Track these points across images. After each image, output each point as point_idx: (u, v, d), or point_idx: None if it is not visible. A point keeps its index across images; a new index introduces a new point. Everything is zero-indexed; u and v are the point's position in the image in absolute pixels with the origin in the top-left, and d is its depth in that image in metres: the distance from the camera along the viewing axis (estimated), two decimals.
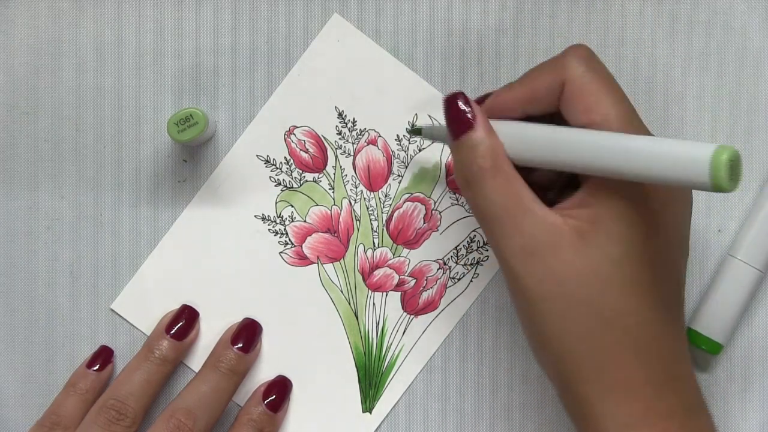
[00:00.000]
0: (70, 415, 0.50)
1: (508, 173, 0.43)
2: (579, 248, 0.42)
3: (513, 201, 0.43)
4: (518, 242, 0.42)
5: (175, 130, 0.50)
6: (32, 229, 0.54)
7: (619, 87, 0.44)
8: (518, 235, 0.42)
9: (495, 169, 0.43)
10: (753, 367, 0.53)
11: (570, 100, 0.43)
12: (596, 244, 0.41)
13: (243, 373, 0.52)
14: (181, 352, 0.52)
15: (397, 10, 0.54)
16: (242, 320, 0.53)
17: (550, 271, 0.42)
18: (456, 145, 0.45)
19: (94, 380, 0.52)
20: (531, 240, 0.42)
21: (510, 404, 0.54)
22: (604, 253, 0.41)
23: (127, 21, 0.54)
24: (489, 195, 0.43)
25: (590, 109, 0.42)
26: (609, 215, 0.42)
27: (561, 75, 0.43)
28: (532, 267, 0.42)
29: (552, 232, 0.42)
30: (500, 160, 0.43)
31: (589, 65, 0.43)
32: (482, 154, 0.43)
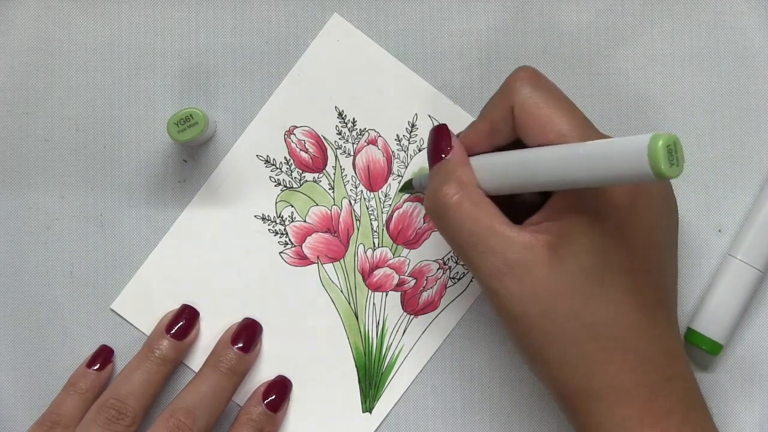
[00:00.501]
0: (70, 414, 0.51)
1: (476, 200, 0.44)
2: (551, 263, 0.42)
3: (482, 226, 0.43)
4: (492, 264, 0.43)
5: (175, 130, 0.50)
6: (32, 229, 0.54)
7: (567, 100, 0.44)
8: (493, 257, 0.43)
9: (463, 197, 0.44)
10: (753, 367, 0.53)
11: (522, 124, 0.44)
12: (567, 255, 0.42)
13: (243, 373, 0.52)
14: (181, 351, 0.52)
15: (397, 10, 0.54)
16: (242, 320, 0.53)
17: (526, 290, 0.43)
18: (431, 173, 0.46)
19: (94, 380, 0.52)
20: (504, 261, 0.43)
21: (510, 404, 0.54)
22: (576, 264, 0.42)
23: (127, 21, 0.54)
24: (459, 223, 0.44)
25: (544, 128, 0.43)
26: (576, 227, 0.42)
27: (509, 101, 0.44)
28: (509, 287, 0.43)
29: (524, 251, 0.43)
30: (469, 188, 0.45)
31: (534, 86, 0.44)
32: (453, 181, 0.45)
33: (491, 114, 0.45)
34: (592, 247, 0.42)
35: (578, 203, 0.42)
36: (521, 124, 0.44)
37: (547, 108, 0.43)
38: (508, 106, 0.44)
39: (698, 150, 0.53)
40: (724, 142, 0.53)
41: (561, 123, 0.43)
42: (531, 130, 0.43)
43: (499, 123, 0.45)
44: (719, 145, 0.53)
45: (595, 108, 0.53)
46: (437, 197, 0.45)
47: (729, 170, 0.53)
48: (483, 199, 0.44)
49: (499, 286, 0.43)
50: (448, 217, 0.45)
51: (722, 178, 0.53)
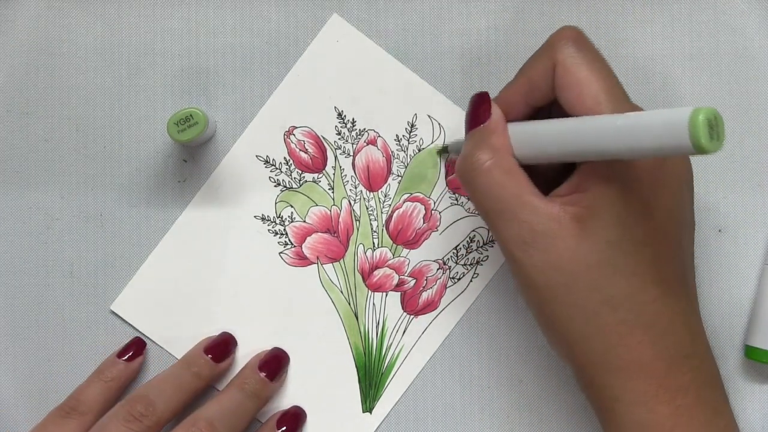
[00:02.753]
0: (90, 401, 0.50)
1: (507, 168, 0.44)
2: (578, 235, 0.42)
3: (511, 194, 0.44)
4: (518, 233, 0.43)
5: (175, 130, 0.50)
6: (32, 229, 0.54)
7: (607, 66, 0.44)
8: (519, 226, 0.43)
9: (495, 163, 0.44)
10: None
11: (561, 84, 0.44)
12: (594, 228, 0.42)
13: (266, 398, 0.52)
14: (216, 374, 0.52)
15: (397, 10, 0.54)
16: (272, 349, 0.53)
17: (551, 260, 0.43)
18: (466, 138, 0.46)
19: (121, 370, 0.52)
20: (530, 231, 0.43)
21: (510, 404, 0.54)
22: (602, 237, 0.42)
23: (127, 21, 0.54)
24: (488, 189, 0.44)
25: (581, 92, 0.43)
26: (603, 200, 0.42)
27: (551, 59, 0.44)
28: (533, 257, 0.43)
29: (551, 223, 0.43)
30: (502, 155, 0.44)
31: (578, 47, 0.44)
32: (486, 147, 0.45)
33: (531, 71, 0.45)
34: (619, 220, 0.42)
35: (606, 176, 0.42)
36: (561, 84, 0.44)
37: (588, 71, 0.43)
38: (550, 63, 0.44)
39: None
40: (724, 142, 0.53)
41: (599, 89, 0.43)
42: (569, 92, 0.43)
43: (538, 80, 0.45)
44: None
45: None
46: (469, 161, 0.45)
47: (729, 170, 0.53)
48: (515, 167, 0.44)
49: (523, 255, 0.43)
50: (477, 183, 0.45)
51: (722, 178, 0.53)
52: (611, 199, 0.42)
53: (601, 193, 0.42)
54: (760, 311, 0.52)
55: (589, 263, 0.42)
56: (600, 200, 0.42)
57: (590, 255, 0.42)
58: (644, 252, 0.43)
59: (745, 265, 0.53)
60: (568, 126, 0.42)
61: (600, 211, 0.42)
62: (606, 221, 0.42)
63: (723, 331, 0.53)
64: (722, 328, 0.53)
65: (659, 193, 0.43)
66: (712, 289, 0.53)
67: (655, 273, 0.43)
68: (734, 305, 0.53)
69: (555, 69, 0.44)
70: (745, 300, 0.53)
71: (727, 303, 0.53)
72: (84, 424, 0.50)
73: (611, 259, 0.42)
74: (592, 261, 0.42)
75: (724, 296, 0.53)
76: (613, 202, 0.42)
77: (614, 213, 0.42)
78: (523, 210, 0.43)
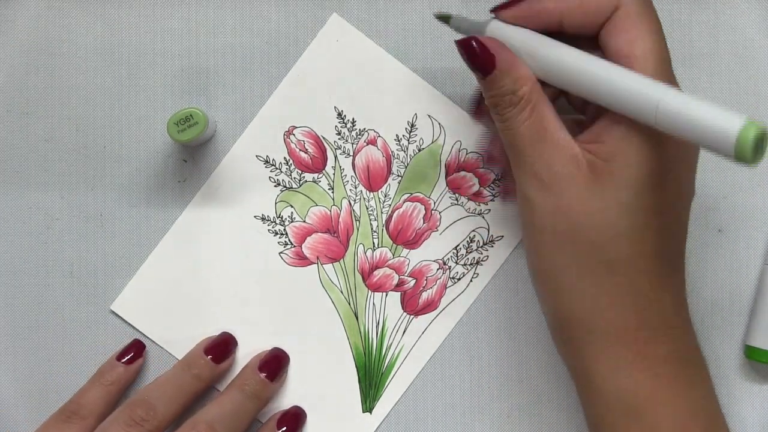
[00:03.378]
0: (91, 404, 0.50)
1: (535, 104, 0.43)
2: (591, 187, 0.42)
3: (537, 132, 0.43)
4: (537, 171, 0.43)
5: (175, 130, 0.50)
6: (32, 229, 0.54)
7: (660, 25, 0.43)
8: (540, 164, 0.43)
9: (524, 101, 0.43)
10: None
11: (617, 25, 0.42)
12: (608, 187, 0.42)
13: (266, 399, 0.52)
14: (217, 374, 0.52)
15: (397, 10, 0.54)
16: (272, 349, 0.53)
17: (561, 205, 0.42)
18: (484, 84, 0.45)
19: (121, 373, 0.52)
20: (548, 170, 0.43)
21: (510, 404, 0.54)
22: (615, 198, 0.42)
23: (127, 21, 0.54)
24: (516, 127, 0.43)
25: (633, 42, 0.42)
26: (623, 157, 0.42)
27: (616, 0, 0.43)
28: (547, 198, 0.43)
29: (570, 165, 0.42)
30: (528, 90, 0.43)
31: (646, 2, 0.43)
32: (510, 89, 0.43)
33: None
34: (634, 184, 0.42)
35: (630, 133, 0.42)
36: (616, 25, 0.42)
37: (646, 24, 0.42)
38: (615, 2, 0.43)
39: None
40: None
41: (650, 45, 0.42)
42: (621, 36, 0.42)
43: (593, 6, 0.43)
44: None
45: None
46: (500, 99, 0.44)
47: (729, 170, 0.53)
48: (543, 100, 0.43)
49: (536, 195, 0.43)
50: (507, 119, 0.44)
51: (722, 178, 0.53)
52: (630, 159, 0.41)
53: (621, 150, 0.42)
54: (760, 311, 0.52)
55: (596, 221, 0.42)
56: (618, 157, 0.42)
57: (599, 212, 0.42)
58: (651, 221, 0.42)
59: (745, 265, 0.53)
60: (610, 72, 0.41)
61: (616, 168, 0.42)
62: (620, 182, 0.42)
63: (723, 331, 0.53)
64: (722, 328, 0.53)
65: (677, 165, 0.43)
66: (712, 289, 0.53)
67: (658, 244, 0.43)
68: (734, 305, 0.53)
69: (617, 9, 0.42)
70: (745, 300, 0.53)
71: (727, 303, 0.53)
72: (85, 429, 0.50)
73: (618, 222, 0.42)
74: (599, 219, 0.42)
75: (724, 296, 0.53)
76: (631, 162, 0.41)
77: (631, 176, 0.42)
78: (547, 146, 0.43)
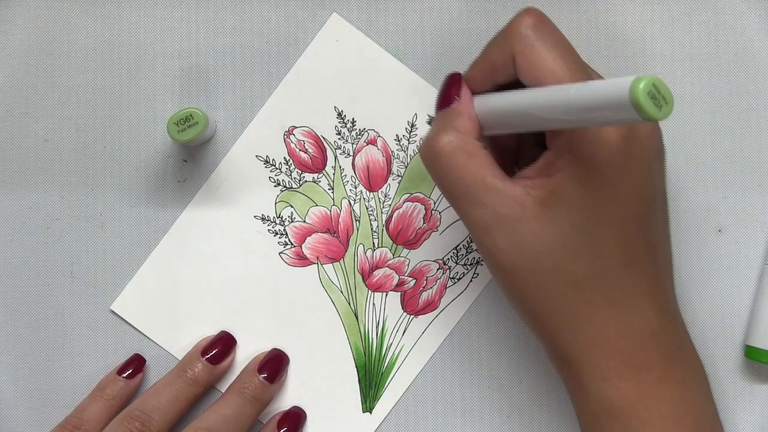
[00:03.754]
0: (93, 420, 0.50)
1: (471, 151, 0.44)
2: (542, 218, 0.42)
3: (473, 177, 0.44)
4: (481, 217, 0.44)
5: (175, 130, 0.50)
6: (32, 229, 0.54)
7: (569, 49, 0.44)
8: (482, 209, 0.43)
9: (458, 147, 0.44)
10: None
11: (523, 71, 0.43)
12: (558, 212, 0.42)
13: (266, 401, 0.52)
14: (214, 376, 0.52)
15: (397, 10, 0.54)
16: (270, 350, 0.53)
17: (514, 243, 0.43)
18: (434, 119, 0.46)
19: (122, 387, 0.52)
20: (494, 214, 0.43)
21: (510, 404, 0.54)
22: (566, 221, 0.42)
23: (127, 21, 0.54)
24: (450, 172, 0.44)
25: (544, 79, 0.43)
26: (568, 183, 0.42)
27: (512, 47, 0.44)
28: (498, 240, 0.43)
29: (514, 205, 0.43)
30: (465, 138, 0.44)
31: (538, 33, 0.44)
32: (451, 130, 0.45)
33: (493, 56, 0.45)
34: (584, 203, 0.42)
35: (572, 159, 0.42)
36: (522, 72, 0.43)
37: (550, 58, 0.43)
38: (509, 52, 0.44)
39: (698, 150, 0.53)
40: (724, 142, 0.53)
41: (561, 74, 0.43)
42: (531, 79, 0.43)
43: (500, 66, 0.45)
44: (719, 145, 0.53)
45: None
46: (433, 144, 0.45)
47: (729, 170, 0.53)
48: (479, 150, 0.44)
49: (487, 238, 0.44)
50: (439, 165, 0.45)
51: (722, 178, 0.53)
52: (575, 184, 0.42)
53: (565, 178, 0.42)
54: (760, 311, 0.52)
55: (553, 246, 0.43)
56: (564, 185, 0.42)
57: (553, 238, 0.42)
58: (609, 233, 0.43)
59: (745, 265, 0.53)
60: (526, 96, 0.42)
61: (564, 195, 0.42)
62: (570, 205, 0.42)
63: (723, 331, 0.53)
64: (722, 328, 0.53)
65: (627, 174, 0.43)
66: (712, 289, 0.53)
67: (621, 253, 0.43)
68: (734, 305, 0.53)
69: (516, 59, 0.43)
70: (745, 300, 0.53)
71: (727, 303, 0.53)
72: None
73: (575, 242, 0.42)
74: (556, 244, 0.42)
75: (724, 296, 0.53)
76: (577, 186, 0.42)
77: (577, 198, 0.42)
78: (486, 193, 0.43)
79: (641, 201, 0.44)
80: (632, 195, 0.43)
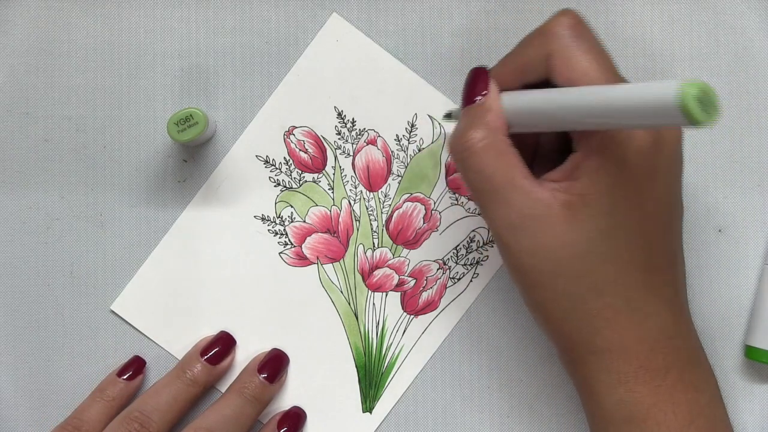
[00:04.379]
0: (93, 421, 0.50)
1: (501, 149, 0.44)
2: (568, 222, 0.42)
3: (503, 176, 0.43)
4: (508, 216, 0.43)
5: (175, 130, 0.50)
6: (32, 229, 0.54)
7: (606, 55, 0.44)
8: (508, 209, 0.43)
9: (489, 144, 0.44)
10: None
11: (558, 72, 0.43)
12: (584, 217, 0.42)
13: (266, 401, 0.52)
14: (214, 377, 0.52)
15: (397, 10, 0.54)
16: (270, 350, 0.53)
17: (538, 245, 0.43)
18: (462, 114, 0.46)
19: (122, 389, 0.52)
20: (520, 214, 0.43)
21: (510, 404, 0.54)
22: (593, 226, 0.42)
23: (127, 21, 0.54)
24: (480, 169, 0.44)
25: (579, 81, 0.42)
26: (595, 188, 0.42)
27: (547, 46, 0.43)
28: (521, 240, 0.43)
29: (540, 207, 0.43)
30: (497, 135, 0.44)
31: (575, 34, 0.43)
32: (482, 126, 0.44)
33: (525, 56, 0.45)
34: (610, 210, 0.42)
35: (599, 163, 0.42)
36: (557, 73, 0.43)
37: (586, 60, 0.43)
38: (545, 51, 0.43)
39: (698, 150, 0.53)
40: (724, 142, 0.53)
41: (594, 76, 0.42)
42: (564, 80, 0.43)
43: (532, 66, 0.44)
44: (719, 145, 0.53)
45: None
46: (463, 139, 0.44)
47: (729, 170, 0.53)
48: (509, 148, 0.44)
49: (511, 238, 0.43)
50: (470, 162, 0.44)
51: (722, 178, 0.53)
52: (603, 189, 0.42)
53: (592, 182, 0.42)
54: (760, 311, 0.52)
55: (577, 251, 0.42)
56: (591, 189, 0.42)
57: (578, 244, 0.42)
58: (634, 239, 0.43)
59: (745, 265, 0.53)
60: (562, 95, 0.42)
61: (591, 200, 0.42)
62: (596, 210, 0.42)
63: (723, 331, 0.53)
64: (722, 328, 0.53)
65: (652, 181, 0.43)
66: (712, 289, 0.53)
67: (644, 260, 0.43)
68: (734, 305, 0.53)
69: (551, 59, 0.43)
70: (745, 300, 0.53)
71: (727, 303, 0.53)
72: None
73: (600, 248, 0.42)
74: (580, 249, 0.42)
75: (724, 296, 0.53)
76: (604, 191, 0.42)
77: (605, 203, 0.42)
78: (514, 193, 0.43)
79: (665, 208, 0.44)
80: (657, 202, 0.43)
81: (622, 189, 0.42)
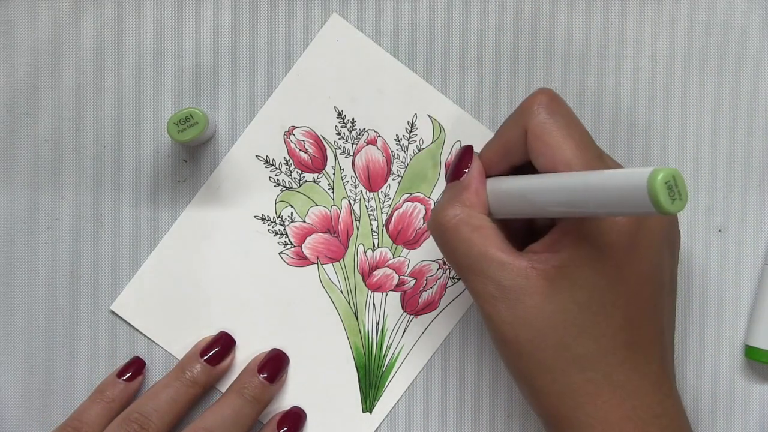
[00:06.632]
0: (93, 422, 0.50)
1: (476, 224, 0.45)
2: (546, 294, 0.42)
3: (476, 251, 0.44)
4: (485, 288, 0.44)
5: (175, 130, 0.50)
6: (32, 229, 0.54)
7: (581, 129, 0.44)
8: (486, 281, 0.44)
9: (462, 220, 0.45)
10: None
11: (534, 149, 0.44)
12: (562, 288, 0.42)
13: (266, 402, 0.52)
14: (213, 377, 0.52)
15: (397, 10, 0.54)
16: (270, 350, 0.53)
17: (518, 315, 0.43)
18: (444, 190, 0.47)
19: (122, 390, 0.52)
20: (498, 286, 0.43)
21: (510, 404, 0.54)
22: (570, 298, 0.42)
23: (127, 21, 0.54)
24: (455, 245, 0.45)
25: (554, 157, 0.43)
26: (575, 261, 0.42)
27: (524, 124, 0.44)
28: (502, 311, 0.43)
29: (518, 278, 0.43)
30: (470, 212, 0.45)
31: (550, 112, 0.44)
32: (457, 203, 0.45)
33: (506, 135, 0.46)
34: (589, 282, 0.42)
35: (580, 237, 0.42)
36: (533, 149, 0.44)
37: (560, 136, 0.43)
38: (522, 129, 0.44)
39: (698, 150, 0.53)
40: (724, 142, 0.53)
41: (571, 154, 0.43)
42: (541, 157, 0.44)
43: (513, 144, 0.45)
44: (719, 145, 0.53)
45: (594, 109, 0.53)
46: (438, 216, 0.46)
47: (729, 170, 0.53)
48: (484, 223, 0.45)
49: (491, 309, 0.44)
50: (445, 238, 0.45)
51: (722, 178, 0.53)
52: (581, 262, 0.42)
53: (572, 255, 0.42)
54: (760, 311, 0.52)
55: (556, 322, 0.42)
56: (569, 262, 0.42)
57: (557, 314, 0.42)
58: (614, 314, 0.43)
59: (745, 265, 0.53)
60: (537, 182, 0.43)
61: (569, 272, 0.42)
62: (574, 283, 0.42)
63: (723, 331, 0.53)
64: (722, 328, 0.53)
65: (635, 258, 0.43)
66: (712, 289, 0.53)
67: (625, 336, 0.43)
68: (734, 305, 0.53)
69: (528, 136, 0.44)
70: (745, 300, 0.53)
71: (727, 303, 0.53)
72: None
73: (578, 320, 0.42)
74: (559, 320, 0.42)
75: (724, 296, 0.53)
76: (582, 265, 0.42)
77: (583, 276, 0.42)
78: (490, 266, 0.44)
79: (648, 285, 0.44)
80: (639, 279, 0.43)
81: (602, 263, 0.42)
